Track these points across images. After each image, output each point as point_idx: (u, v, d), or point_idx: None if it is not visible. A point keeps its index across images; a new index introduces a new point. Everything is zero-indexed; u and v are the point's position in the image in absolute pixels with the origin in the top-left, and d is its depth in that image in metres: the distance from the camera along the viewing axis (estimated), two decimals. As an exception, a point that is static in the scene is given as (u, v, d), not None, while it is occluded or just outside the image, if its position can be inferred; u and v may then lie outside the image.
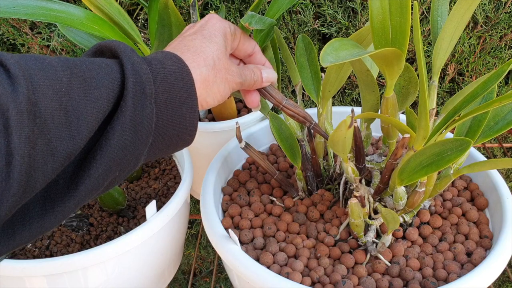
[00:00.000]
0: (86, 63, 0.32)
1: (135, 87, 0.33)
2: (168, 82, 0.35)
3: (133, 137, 0.33)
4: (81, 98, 0.31)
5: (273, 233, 0.49)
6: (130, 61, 0.34)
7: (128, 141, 0.33)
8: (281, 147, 0.51)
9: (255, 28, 0.53)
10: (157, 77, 0.35)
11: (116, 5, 0.60)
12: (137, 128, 0.33)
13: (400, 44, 0.37)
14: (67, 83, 0.30)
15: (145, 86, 0.33)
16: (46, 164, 0.29)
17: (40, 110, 0.28)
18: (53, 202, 0.31)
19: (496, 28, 0.81)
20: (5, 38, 0.86)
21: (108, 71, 0.33)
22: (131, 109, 0.33)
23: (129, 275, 0.53)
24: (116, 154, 0.33)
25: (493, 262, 0.43)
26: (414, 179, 0.41)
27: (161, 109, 0.35)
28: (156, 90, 0.35)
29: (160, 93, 0.35)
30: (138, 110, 0.33)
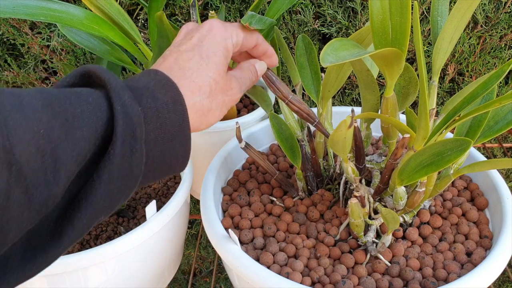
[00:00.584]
0: (71, 98, 0.29)
1: (124, 132, 0.30)
2: (159, 117, 0.33)
3: (121, 184, 0.31)
4: (61, 140, 0.28)
5: (273, 233, 0.49)
6: (121, 101, 0.31)
7: (115, 189, 0.31)
8: (281, 147, 0.51)
9: (255, 28, 0.53)
10: (148, 113, 0.32)
11: (116, 5, 0.60)
12: (125, 175, 0.31)
13: (400, 44, 0.37)
14: (47, 124, 0.27)
15: (135, 130, 0.31)
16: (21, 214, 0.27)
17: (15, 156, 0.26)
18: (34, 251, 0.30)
19: (496, 28, 0.81)
20: (5, 38, 0.86)
21: (94, 109, 0.30)
22: (119, 156, 0.30)
23: (129, 275, 0.53)
24: (102, 202, 0.31)
25: (493, 262, 0.43)
26: (414, 179, 0.41)
27: (152, 146, 0.33)
28: (146, 129, 0.32)
29: (151, 131, 0.32)
30: (127, 156, 0.31)
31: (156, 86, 0.34)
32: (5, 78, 0.88)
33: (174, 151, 0.34)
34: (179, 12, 0.82)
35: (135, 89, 0.33)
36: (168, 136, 0.33)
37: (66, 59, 0.86)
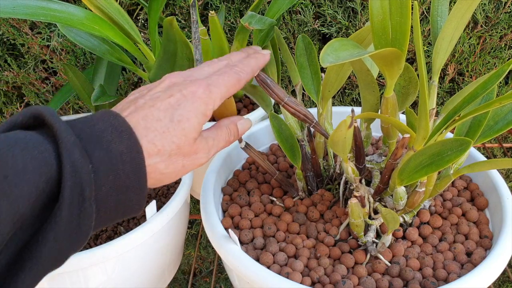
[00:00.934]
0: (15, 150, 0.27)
1: (72, 192, 0.28)
2: (112, 169, 0.31)
3: (68, 242, 0.30)
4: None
5: (273, 233, 0.49)
6: (70, 160, 0.28)
7: (63, 247, 0.29)
8: (281, 147, 0.51)
9: (255, 28, 0.53)
10: (100, 167, 0.30)
11: (116, 5, 0.60)
12: (73, 233, 0.29)
13: (400, 44, 0.37)
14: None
15: (84, 189, 0.29)
16: None
17: None
18: None
19: (496, 28, 0.81)
20: (5, 38, 0.86)
21: (39, 164, 0.28)
22: (66, 218, 0.28)
23: (129, 275, 0.53)
24: (49, 261, 0.29)
25: (493, 262, 0.43)
26: (414, 179, 0.41)
27: (103, 199, 0.31)
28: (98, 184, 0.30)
29: (103, 185, 0.30)
30: (74, 216, 0.29)
31: (112, 135, 0.31)
32: (5, 78, 0.88)
33: (129, 201, 0.33)
34: (179, 12, 0.82)
35: (89, 139, 0.31)
36: (122, 187, 0.32)
37: (66, 59, 0.86)
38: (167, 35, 0.50)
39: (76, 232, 0.30)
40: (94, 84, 0.67)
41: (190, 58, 0.52)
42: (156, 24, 0.62)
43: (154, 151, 0.34)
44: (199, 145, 0.37)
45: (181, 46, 0.51)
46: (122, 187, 0.31)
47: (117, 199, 0.32)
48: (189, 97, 0.36)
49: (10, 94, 0.93)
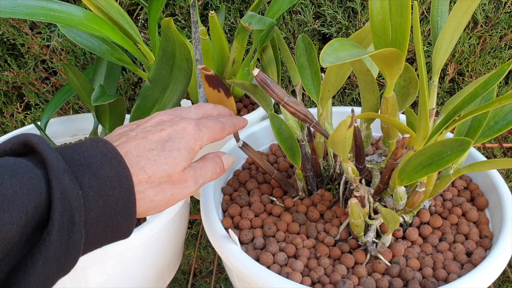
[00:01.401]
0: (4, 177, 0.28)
1: (62, 218, 0.29)
2: (102, 195, 0.31)
3: (56, 267, 0.30)
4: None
5: (273, 233, 0.49)
6: (60, 186, 0.29)
7: (51, 272, 0.29)
8: (281, 147, 0.51)
9: (255, 28, 0.53)
10: (90, 193, 0.31)
11: (116, 5, 0.60)
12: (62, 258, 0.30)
13: (400, 44, 0.37)
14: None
15: (74, 214, 0.29)
16: None
17: None
18: None
19: (496, 28, 0.81)
20: (5, 38, 0.86)
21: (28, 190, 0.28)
22: (55, 242, 0.29)
23: (129, 275, 0.53)
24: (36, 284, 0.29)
25: (493, 262, 0.43)
26: (414, 179, 0.41)
27: (92, 224, 0.31)
28: (87, 209, 0.31)
29: (92, 210, 0.31)
30: (64, 241, 0.29)
31: (102, 161, 0.32)
32: (5, 78, 0.88)
33: (118, 226, 0.33)
34: (179, 12, 0.82)
35: (78, 165, 0.31)
36: (111, 213, 0.32)
37: (66, 59, 0.86)
38: (165, 36, 0.50)
39: (65, 256, 0.30)
40: (94, 84, 0.67)
41: (188, 59, 0.52)
42: (156, 24, 0.62)
43: (145, 178, 0.34)
44: (188, 174, 0.38)
45: (179, 47, 0.51)
46: (111, 212, 0.32)
47: (106, 224, 0.32)
48: (179, 131, 0.38)
49: (10, 94, 0.93)
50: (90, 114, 0.73)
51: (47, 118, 0.66)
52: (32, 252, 0.29)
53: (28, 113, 0.94)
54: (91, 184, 0.31)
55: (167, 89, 0.54)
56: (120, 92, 0.90)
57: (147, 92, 0.55)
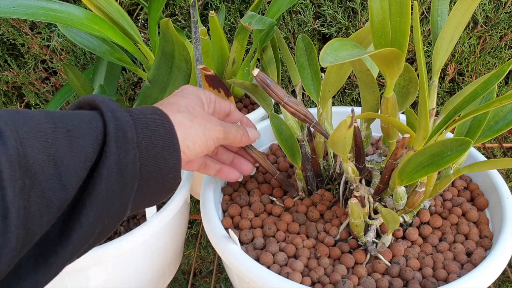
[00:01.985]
0: (67, 115, 0.33)
1: (116, 132, 0.33)
2: (149, 129, 0.36)
3: (120, 182, 0.33)
4: (67, 148, 0.31)
5: (273, 233, 0.49)
6: (109, 109, 0.34)
7: (116, 186, 0.33)
8: (281, 147, 0.51)
9: (255, 28, 0.53)
10: (138, 123, 0.35)
11: (116, 5, 0.60)
12: (122, 173, 0.33)
13: (400, 44, 0.37)
14: (52, 134, 0.30)
15: (126, 131, 0.34)
16: (42, 216, 0.29)
17: (29, 162, 0.28)
18: (46, 255, 0.31)
19: (496, 28, 0.81)
20: (5, 38, 0.86)
21: (88, 120, 0.33)
22: (115, 154, 0.33)
23: (129, 275, 0.53)
24: (105, 200, 0.32)
25: (493, 262, 0.43)
26: (414, 179, 0.41)
27: (144, 154, 0.35)
28: (137, 135, 0.35)
29: (142, 139, 0.35)
30: (122, 155, 0.33)
31: (142, 108, 0.38)
32: (5, 78, 0.88)
33: (166, 162, 0.37)
34: (179, 12, 0.82)
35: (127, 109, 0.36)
36: (159, 147, 0.36)
37: (66, 59, 0.86)
38: (164, 36, 0.50)
39: (124, 172, 0.33)
40: (94, 84, 0.67)
41: (187, 59, 0.52)
42: (156, 24, 0.62)
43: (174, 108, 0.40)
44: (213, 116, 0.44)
45: (178, 47, 0.51)
46: (158, 146, 0.36)
47: (155, 159, 0.36)
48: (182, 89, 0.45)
49: (10, 94, 0.93)
50: (90, 114, 0.73)
51: (47, 118, 0.66)
52: (98, 165, 0.32)
53: (28, 113, 0.94)
54: (138, 117, 0.36)
55: (167, 89, 0.54)
56: (120, 92, 0.90)
57: (147, 92, 0.55)
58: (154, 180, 0.36)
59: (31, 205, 0.28)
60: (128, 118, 0.35)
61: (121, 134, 0.33)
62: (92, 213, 0.32)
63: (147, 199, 0.38)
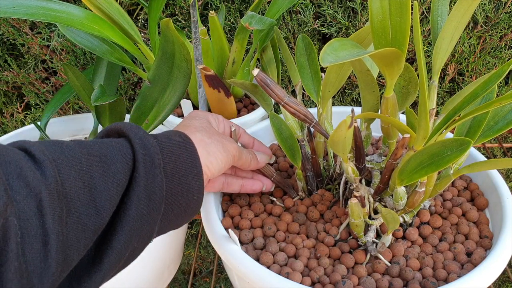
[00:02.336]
0: (98, 143, 0.35)
1: (144, 158, 0.35)
2: (173, 153, 0.38)
3: (148, 206, 0.35)
4: (101, 175, 0.33)
5: (273, 233, 0.49)
6: (137, 136, 0.36)
7: (145, 210, 0.35)
8: (281, 147, 0.51)
9: (255, 28, 0.53)
10: (164, 148, 0.37)
11: (116, 5, 0.60)
12: (151, 197, 0.35)
13: (400, 44, 0.37)
14: (86, 163, 0.32)
15: (153, 157, 0.36)
16: (79, 241, 0.30)
17: (66, 190, 0.30)
18: (79, 279, 0.32)
19: (496, 28, 0.81)
20: (5, 38, 0.86)
21: (119, 148, 0.35)
22: (143, 179, 0.34)
23: (129, 275, 0.53)
24: (135, 224, 0.34)
25: (493, 262, 0.43)
26: (414, 179, 0.41)
27: (169, 178, 0.37)
28: (163, 160, 0.37)
29: (167, 164, 0.37)
30: (150, 180, 0.35)
31: (167, 133, 0.40)
32: (5, 78, 0.88)
33: (190, 186, 0.38)
34: (179, 12, 0.82)
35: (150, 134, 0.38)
36: (183, 171, 0.38)
37: (66, 59, 0.86)
38: (164, 36, 0.50)
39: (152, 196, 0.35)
40: (94, 84, 0.67)
41: (187, 59, 0.52)
42: (156, 24, 0.62)
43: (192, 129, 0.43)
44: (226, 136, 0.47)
45: (178, 47, 0.51)
46: (182, 170, 0.38)
47: (180, 182, 0.38)
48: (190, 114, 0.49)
49: (10, 94, 0.93)
50: (90, 114, 0.73)
51: (47, 118, 0.66)
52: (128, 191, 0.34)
53: (28, 113, 0.94)
54: (163, 142, 0.38)
55: (167, 89, 0.54)
56: (120, 92, 0.90)
57: (147, 92, 0.55)
58: (179, 203, 0.38)
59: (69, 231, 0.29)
60: (155, 144, 0.37)
61: (149, 160, 0.35)
62: (123, 238, 0.33)
63: (172, 222, 0.39)
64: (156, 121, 0.56)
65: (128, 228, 0.33)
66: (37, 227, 0.27)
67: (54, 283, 0.28)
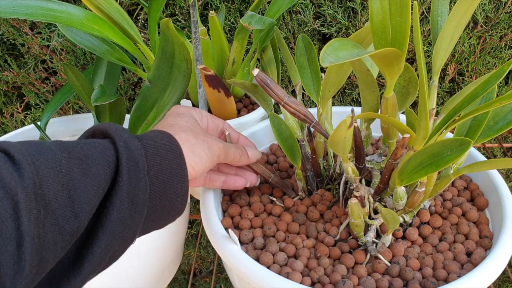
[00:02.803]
0: (80, 144, 0.34)
1: (128, 162, 0.34)
2: (159, 155, 0.37)
3: (131, 210, 0.34)
4: (81, 177, 0.32)
5: (273, 233, 0.49)
6: (122, 139, 0.35)
7: (127, 214, 0.34)
8: (281, 147, 0.51)
9: (254, 28, 0.53)
10: (149, 151, 0.37)
11: (116, 5, 0.60)
12: (133, 201, 0.34)
13: (400, 44, 0.37)
14: (66, 164, 0.32)
15: (138, 161, 0.35)
16: (56, 243, 0.30)
17: (44, 191, 0.30)
18: (59, 282, 0.32)
19: (496, 28, 0.81)
20: (5, 38, 0.86)
21: (101, 149, 0.34)
22: (127, 183, 0.34)
23: (129, 275, 0.53)
24: (116, 228, 0.34)
25: (493, 262, 0.43)
26: (414, 179, 0.41)
27: (153, 181, 0.36)
28: (148, 163, 0.36)
29: (152, 166, 0.37)
30: (133, 184, 0.34)
31: (154, 134, 0.39)
32: (5, 78, 0.88)
33: (174, 188, 0.38)
34: (179, 12, 0.82)
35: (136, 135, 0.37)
36: (168, 173, 0.37)
37: (66, 59, 0.86)
38: (164, 36, 0.50)
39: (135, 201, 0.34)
40: (94, 84, 0.67)
41: (187, 59, 0.52)
42: (156, 24, 0.62)
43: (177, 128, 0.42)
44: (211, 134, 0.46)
45: (178, 47, 0.51)
46: (167, 172, 0.37)
47: (164, 184, 0.37)
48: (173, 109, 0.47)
49: (10, 94, 0.93)
50: (90, 114, 0.73)
51: (47, 118, 0.66)
52: (110, 195, 0.34)
53: (28, 113, 0.94)
54: (149, 144, 0.37)
55: (167, 89, 0.54)
56: (120, 92, 0.90)
57: (147, 92, 0.55)
58: (162, 205, 0.38)
59: (46, 233, 0.29)
60: (140, 147, 0.36)
61: (133, 164, 0.35)
62: (104, 242, 0.33)
63: (155, 223, 0.39)
64: (156, 121, 0.56)
65: (109, 233, 0.33)
66: (12, 229, 0.27)
67: (28, 285, 0.28)
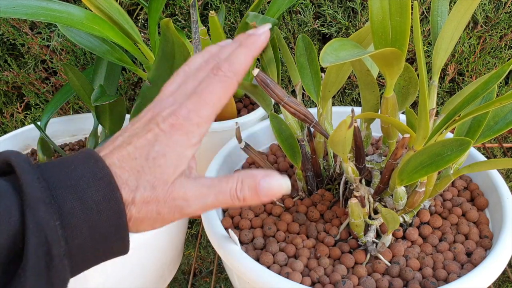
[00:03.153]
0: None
1: (36, 252, 0.26)
2: (86, 221, 0.28)
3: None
4: None
5: (273, 233, 0.49)
6: (34, 218, 0.26)
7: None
8: (281, 147, 0.51)
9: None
10: (72, 220, 0.28)
11: (116, 5, 0.60)
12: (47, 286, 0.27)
13: (400, 44, 0.37)
14: None
15: (51, 247, 0.27)
16: None
17: None
18: None
19: (496, 28, 0.81)
20: (5, 38, 0.86)
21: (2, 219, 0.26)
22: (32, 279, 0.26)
23: (129, 275, 0.53)
24: None
25: (493, 262, 0.43)
26: (414, 179, 0.41)
27: (78, 252, 0.29)
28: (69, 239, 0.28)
29: (76, 238, 0.28)
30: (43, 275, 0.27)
31: (89, 182, 0.29)
32: (5, 78, 0.88)
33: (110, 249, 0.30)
34: (179, 12, 0.82)
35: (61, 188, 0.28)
36: (100, 238, 0.29)
37: (66, 59, 0.86)
38: (164, 36, 0.50)
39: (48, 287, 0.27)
40: (94, 84, 0.67)
41: (187, 59, 0.52)
42: (156, 24, 0.62)
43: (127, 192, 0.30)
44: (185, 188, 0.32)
45: (178, 47, 0.51)
46: (99, 238, 0.29)
47: (95, 248, 0.30)
48: (167, 130, 0.31)
49: (10, 94, 0.93)
50: (90, 114, 0.73)
51: (47, 118, 0.66)
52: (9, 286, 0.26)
53: (28, 113, 0.94)
54: (74, 210, 0.28)
55: (167, 89, 0.54)
56: (120, 92, 0.90)
57: (147, 92, 0.55)
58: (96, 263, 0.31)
59: None
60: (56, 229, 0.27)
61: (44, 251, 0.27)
62: None
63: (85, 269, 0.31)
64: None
65: None
66: None
67: None
